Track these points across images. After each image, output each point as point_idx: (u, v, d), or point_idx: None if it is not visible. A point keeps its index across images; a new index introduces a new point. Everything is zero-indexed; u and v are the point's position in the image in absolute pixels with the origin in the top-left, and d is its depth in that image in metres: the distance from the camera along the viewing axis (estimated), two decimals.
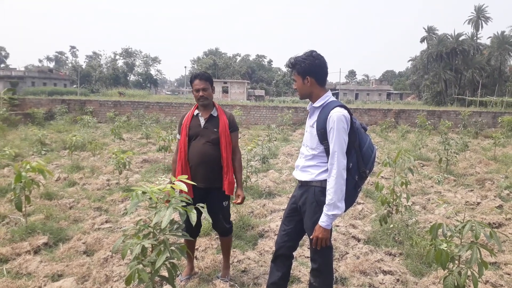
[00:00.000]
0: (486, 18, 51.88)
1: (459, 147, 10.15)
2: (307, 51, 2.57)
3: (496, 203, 5.92)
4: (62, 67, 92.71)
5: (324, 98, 2.57)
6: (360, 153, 2.53)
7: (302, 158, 2.69)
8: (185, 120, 3.36)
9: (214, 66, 68.28)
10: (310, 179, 2.58)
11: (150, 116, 17.31)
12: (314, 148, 2.58)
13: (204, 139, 3.27)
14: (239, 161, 3.47)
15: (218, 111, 3.38)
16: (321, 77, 2.58)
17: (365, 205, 5.82)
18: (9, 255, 3.86)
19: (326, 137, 2.47)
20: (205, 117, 3.33)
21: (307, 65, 2.53)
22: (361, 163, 2.52)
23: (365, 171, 2.54)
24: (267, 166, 8.48)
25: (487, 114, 19.54)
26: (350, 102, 41.43)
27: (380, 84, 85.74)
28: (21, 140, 11.39)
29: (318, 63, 2.53)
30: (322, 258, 2.64)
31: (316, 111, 2.60)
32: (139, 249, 2.25)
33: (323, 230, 2.47)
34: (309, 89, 2.59)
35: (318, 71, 2.55)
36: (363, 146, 2.54)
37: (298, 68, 2.55)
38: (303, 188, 2.66)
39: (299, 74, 2.57)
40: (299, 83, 2.59)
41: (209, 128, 3.30)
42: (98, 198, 6.02)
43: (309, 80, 2.55)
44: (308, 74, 2.54)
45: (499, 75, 46.66)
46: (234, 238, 4.42)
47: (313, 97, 2.60)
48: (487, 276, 3.51)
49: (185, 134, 3.30)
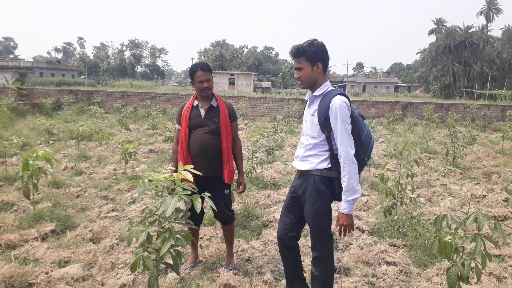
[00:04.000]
0: (497, 10, 51.14)
1: (467, 140, 10.06)
2: (309, 39, 2.56)
3: (502, 196, 5.88)
4: (70, 58, 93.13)
5: (324, 87, 2.59)
6: (359, 141, 2.54)
7: (302, 148, 2.70)
8: (185, 111, 3.37)
9: (221, 58, 68.06)
10: (310, 168, 2.59)
11: (156, 107, 17.36)
12: (315, 137, 2.58)
13: (204, 129, 3.30)
14: (239, 150, 3.52)
15: (218, 101, 3.39)
16: (327, 64, 2.60)
17: (370, 196, 5.81)
18: (17, 241, 3.93)
19: (328, 125, 2.48)
20: (205, 108, 3.34)
21: (318, 51, 2.52)
22: (360, 151, 2.54)
23: (364, 158, 2.57)
24: (272, 157, 8.49)
25: (496, 108, 19.31)
26: (358, 95, 41.17)
27: (388, 76, 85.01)
28: (29, 130, 11.51)
29: (326, 50, 2.55)
30: (322, 246, 2.66)
31: (316, 100, 2.61)
32: (144, 236, 2.28)
33: (347, 217, 2.48)
34: (316, 76, 2.57)
35: (326, 57, 2.57)
36: (362, 134, 2.56)
37: (309, 54, 2.51)
38: (303, 177, 2.66)
39: (308, 61, 2.52)
40: (308, 70, 2.55)
41: (209, 119, 3.32)
42: (104, 187, 6.09)
43: (319, 66, 2.54)
44: (319, 60, 2.53)
45: (509, 68, 46.01)
46: (239, 228, 4.46)
47: (317, 85, 2.60)
48: (491, 268, 3.50)
49: (186, 125, 3.32)
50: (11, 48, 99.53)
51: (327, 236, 2.63)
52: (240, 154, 3.53)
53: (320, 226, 2.63)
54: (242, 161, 3.58)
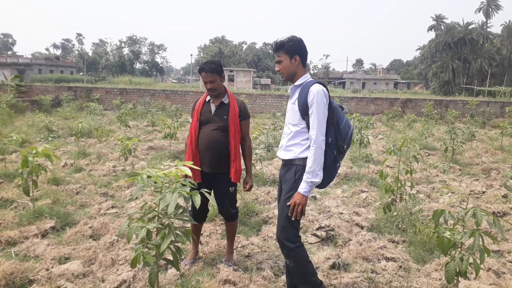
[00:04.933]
0: (497, 6, 51.00)
1: (466, 136, 10.09)
2: (289, 35, 2.72)
3: (501, 192, 5.90)
4: (68, 55, 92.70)
5: (304, 78, 2.74)
6: (338, 129, 2.66)
7: (285, 138, 2.81)
8: (198, 105, 3.38)
9: (220, 54, 67.82)
10: (293, 157, 2.70)
11: (156, 104, 17.36)
12: (296, 124, 2.70)
13: (213, 125, 3.30)
14: (249, 149, 3.49)
15: (230, 98, 3.38)
16: (305, 58, 2.74)
17: (369, 193, 5.83)
18: (17, 238, 3.93)
19: (307, 112, 2.60)
20: (216, 104, 3.34)
21: (296, 44, 2.68)
22: (339, 139, 2.66)
23: (343, 145, 2.68)
24: (272, 154, 8.49)
25: (495, 104, 19.33)
26: (357, 91, 41.12)
27: (388, 73, 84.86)
28: (28, 127, 11.50)
29: (303, 44, 2.71)
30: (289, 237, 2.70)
31: (297, 90, 2.74)
32: (144, 233, 2.28)
33: (302, 197, 2.58)
34: (295, 69, 2.71)
35: (304, 51, 2.71)
36: (341, 123, 2.69)
37: (287, 48, 2.67)
38: (287, 166, 2.77)
39: (287, 54, 2.68)
40: (286, 63, 2.70)
41: (219, 115, 3.31)
42: (104, 184, 6.09)
43: (297, 59, 2.69)
44: (296, 53, 2.68)
45: (509, 64, 45.97)
46: (239, 224, 4.46)
47: (296, 77, 2.74)
48: (489, 264, 3.52)
49: (196, 119, 3.33)
50: (9, 44, 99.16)
51: (293, 226, 2.70)
52: (249, 153, 3.49)
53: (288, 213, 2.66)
54: (251, 160, 3.54)
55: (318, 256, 3.73)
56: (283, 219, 2.72)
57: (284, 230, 2.72)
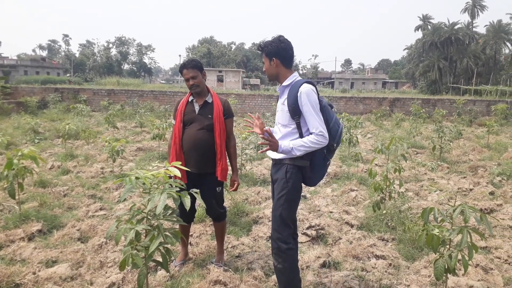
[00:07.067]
0: (482, 6, 51.75)
1: (453, 135, 10.21)
2: (275, 36, 2.76)
3: (488, 190, 5.98)
4: (55, 56, 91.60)
5: (292, 78, 2.75)
6: (328, 128, 2.66)
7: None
8: (180, 106, 3.35)
9: (209, 55, 67.69)
10: (283, 156, 2.70)
11: (144, 105, 17.21)
12: (286, 125, 2.72)
13: (198, 125, 3.27)
14: (234, 148, 3.48)
15: (213, 97, 3.37)
16: (286, 59, 2.75)
17: (358, 191, 5.85)
18: (2, 242, 3.86)
19: (297, 112, 2.62)
20: (200, 103, 3.32)
21: (273, 47, 2.71)
22: (329, 137, 2.66)
23: (332, 144, 2.70)
24: (262, 154, 8.49)
25: (482, 103, 19.62)
26: (346, 91, 41.37)
27: (376, 73, 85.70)
28: (14, 129, 11.30)
29: (284, 46, 2.72)
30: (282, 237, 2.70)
31: (286, 90, 2.75)
32: (133, 234, 2.25)
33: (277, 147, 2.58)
34: (275, 70, 2.76)
35: (284, 53, 2.73)
36: (330, 121, 2.70)
37: (266, 50, 2.74)
38: (277, 166, 2.78)
39: (267, 56, 2.75)
40: (267, 64, 2.78)
41: (203, 115, 3.29)
42: (92, 186, 6.02)
43: (275, 61, 2.73)
44: (274, 56, 2.72)
45: (494, 63, 46.69)
46: (229, 225, 4.45)
47: (280, 77, 2.78)
48: (477, 260, 3.56)
49: (180, 120, 3.30)
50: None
51: (287, 225, 2.70)
52: (235, 151, 3.49)
53: (281, 213, 2.68)
54: (236, 159, 3.54)
55: (308, 255, 3.73)
56: (276, 219, 2.71)
57: (277, 230, 2.71)
